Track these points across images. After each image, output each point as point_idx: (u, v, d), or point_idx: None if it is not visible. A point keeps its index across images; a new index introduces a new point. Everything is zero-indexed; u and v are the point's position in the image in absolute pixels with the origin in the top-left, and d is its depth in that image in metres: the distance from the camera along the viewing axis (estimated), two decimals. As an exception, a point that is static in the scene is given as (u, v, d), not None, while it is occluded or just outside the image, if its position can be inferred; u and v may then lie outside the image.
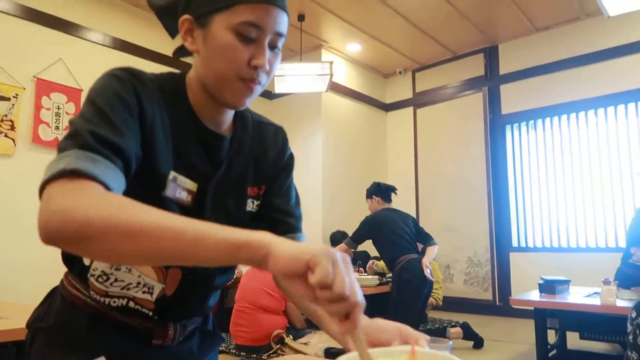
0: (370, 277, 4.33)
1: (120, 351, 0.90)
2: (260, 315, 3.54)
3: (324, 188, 6.29)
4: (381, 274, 4.55)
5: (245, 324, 3.57)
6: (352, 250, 4.23)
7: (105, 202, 0.66)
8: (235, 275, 4.35)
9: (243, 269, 4.52)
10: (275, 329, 3.52)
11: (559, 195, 5.91)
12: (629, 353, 1.08)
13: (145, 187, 0.83)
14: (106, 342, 0.90)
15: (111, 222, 0.64)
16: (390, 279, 4.13)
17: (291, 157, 1.07)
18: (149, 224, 0.64)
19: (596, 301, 2.98)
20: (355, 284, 0.60)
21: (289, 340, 3.50)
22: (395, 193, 4.35)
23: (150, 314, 0.92)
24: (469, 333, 4.31)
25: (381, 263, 4.87)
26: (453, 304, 6.32)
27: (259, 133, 1.01)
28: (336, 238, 5.49)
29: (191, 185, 0.90)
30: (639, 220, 3.64)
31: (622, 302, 2.87)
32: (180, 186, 0.89)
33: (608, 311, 2.84)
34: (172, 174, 0.87)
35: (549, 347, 3.35)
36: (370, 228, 4.06)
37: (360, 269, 4.84)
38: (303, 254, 0.59)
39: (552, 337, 3.67)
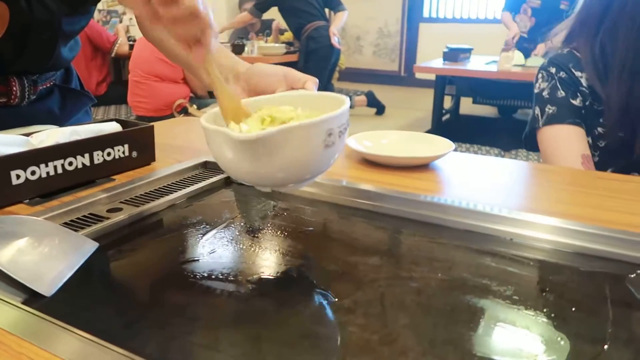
0: (276, 45, 4.13)
1: None
2: (157, 84, 3.33)
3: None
4: (289, 44, 4.36)
5: (143, 94, 3.37)
6: (257, 19, 3.92)
7: None
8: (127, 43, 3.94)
9: (136, 36, 4.09)
10: (177, 99, 3.38)
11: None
12: (546, 109, 1.06)
13: None
14: None
15: None
16: (298, 49, 3.98)
17: None
18: None
19: (493, 68, 3.10)
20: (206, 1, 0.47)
21: (192, 110, 3.40)
22: None
23: None
24: (372, 101, 4.47)
25: (288, 33, 4.63)
26: (360, 75, 6.44)
27: None
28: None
29: None
30: None
31: (516, 68, 3.01)
32: None
33: (503, 77, 2.98)
34: None
35: (444, 112, 3.58)
36: None
37: (267, 38, 4.59)
38: None
39: (448, 104, 3.90)
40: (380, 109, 4.50)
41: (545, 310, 0.46)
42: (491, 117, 4.47)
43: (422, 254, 0.57)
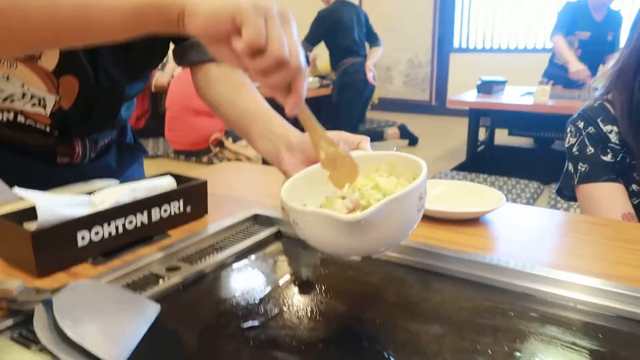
0: (310, 79, 4.20)
1: (22, 172, 0.77)
2: (193, 119, 3.42)
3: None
4: (322, 77, 4.43)
5: (180, 129, 3.47)
6: (308, 52, 3.98)
7: None
8: (168, 79, 4.08)
9: (174, 73, 4.23)
10: (213, 133, 3.46)
11: (507, -8, 5.68)
12: (578, 166, 1.05)
13: None
14: (2, 164, 0.76)
15: None
16: (331, 82, 4.05)
17: None
18: None
19: (529, 100, 3.06)
20: (296, 44, 0.46)
21: (228, 143, 3.47)
22: None
23: (48, 130, 0.76)
24: (405, 133, 4.47)
25: (323, 66, 4.71)
26: (391, 104, 6.46)
27: None
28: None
29: None
30: (564, 9, 3.54)
31: (552, 101, 2.97)
32: None
33: (539, 110, 2.94)
34: None
35: (478, 143, 3.54)
36: (327, 28, 3.77)
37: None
38: (226, 8, 0.44)
39: (482, 134, 3.87)
40: (413, 141, 4.49)
41: (623, 392, 0.44)
42: (527, 148, 4.40)
43: (483, 322, 0.56)
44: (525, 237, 0.75)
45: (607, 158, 1.02)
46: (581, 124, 1.05)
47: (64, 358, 0.46)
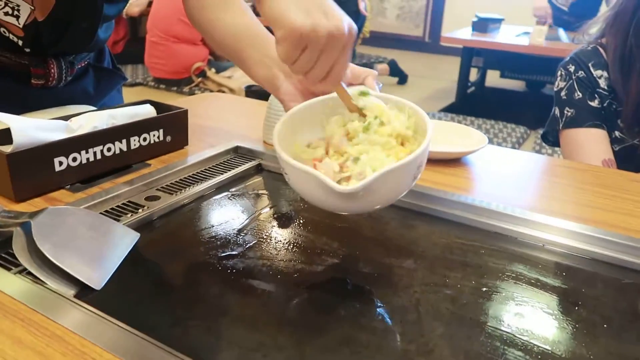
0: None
1: None
2: (175, 46, 3.30)
3: None
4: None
5: (161, 56, 3.36)
6: None
7: None
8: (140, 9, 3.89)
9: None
10: (195, 62, 3.36)
11: None
12: (565, 111, 1.05)
13: None
14: None
15: None
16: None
17: None
18: None
19: (524, 41, 3.00)
20: (341, 71, 0.52)
21: (210, 73, 3.38)
22: None
23: (20, 43, 0.73)
24: (395, 70, 4.39)
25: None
26: (383, 39, 6.29)
27: None
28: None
29: None
30: None
31: (547, 43, 2.91)
32: None
33: (533, 52, 2.89)
34: None
35: (469, 84, 3.51)
36: None
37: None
38: (304, 26, 0.49)
39: (474, 76, 3.82)
40: (402, 79, 4.42)
41: (577, 326, 0.47)
42: (518, 91, 4.36)
43: (455, 258, 0.58)
44: (505, 179, 0.76)
45: (594, 104, 1.03)
46: (572, 68, 1.05)
47: (44, 280, 0.47)
